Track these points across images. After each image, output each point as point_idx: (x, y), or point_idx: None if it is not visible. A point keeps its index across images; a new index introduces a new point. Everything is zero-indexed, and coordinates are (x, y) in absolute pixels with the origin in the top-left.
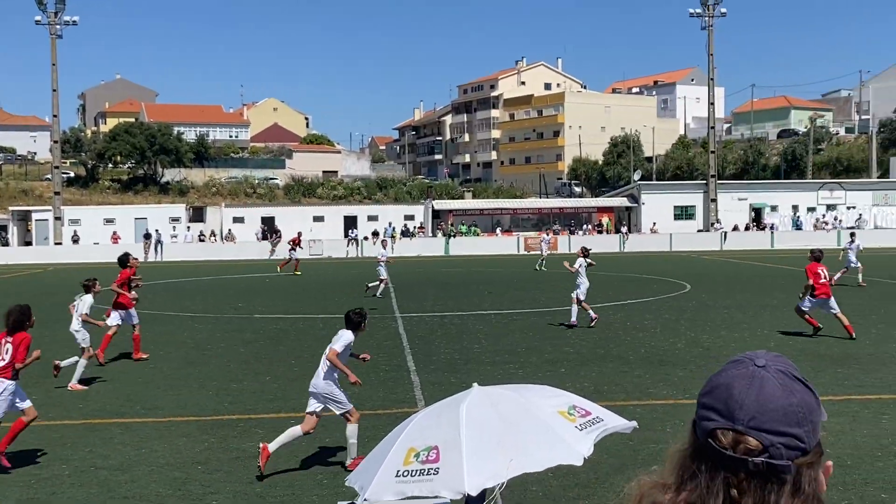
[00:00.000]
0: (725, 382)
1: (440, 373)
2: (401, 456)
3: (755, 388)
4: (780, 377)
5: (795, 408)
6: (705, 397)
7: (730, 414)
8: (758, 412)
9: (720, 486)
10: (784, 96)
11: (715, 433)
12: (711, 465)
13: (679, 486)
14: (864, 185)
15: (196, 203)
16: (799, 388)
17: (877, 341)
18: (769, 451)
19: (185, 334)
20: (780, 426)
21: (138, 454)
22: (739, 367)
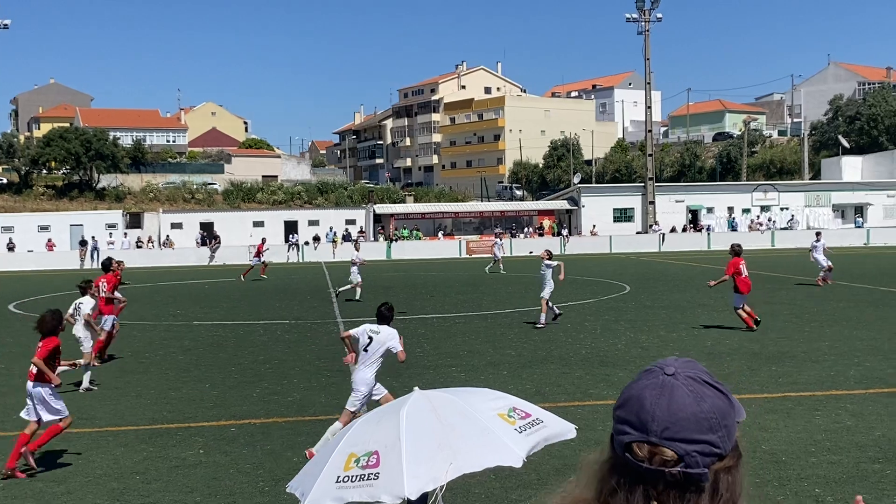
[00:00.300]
0: (637, 394)
1: (382, 378)
2: (341, 461)
3: (665, 398)
4: (690, 384)
5: (707, 414)
6: (619, 410)
7: (643, 426)
8: (670, 422)
9: (640, 499)
10: (719, 100)
11: (631, 446)
12: (630, 478)
13: (600, 501)
14: (797, 187)
15: (133, 209)
16: (710, 392)
17: (810, 339)
18: (685, 461)
19: (121, 343)
20: (694, 434)
21: (74, 465)
22: (650, 377)
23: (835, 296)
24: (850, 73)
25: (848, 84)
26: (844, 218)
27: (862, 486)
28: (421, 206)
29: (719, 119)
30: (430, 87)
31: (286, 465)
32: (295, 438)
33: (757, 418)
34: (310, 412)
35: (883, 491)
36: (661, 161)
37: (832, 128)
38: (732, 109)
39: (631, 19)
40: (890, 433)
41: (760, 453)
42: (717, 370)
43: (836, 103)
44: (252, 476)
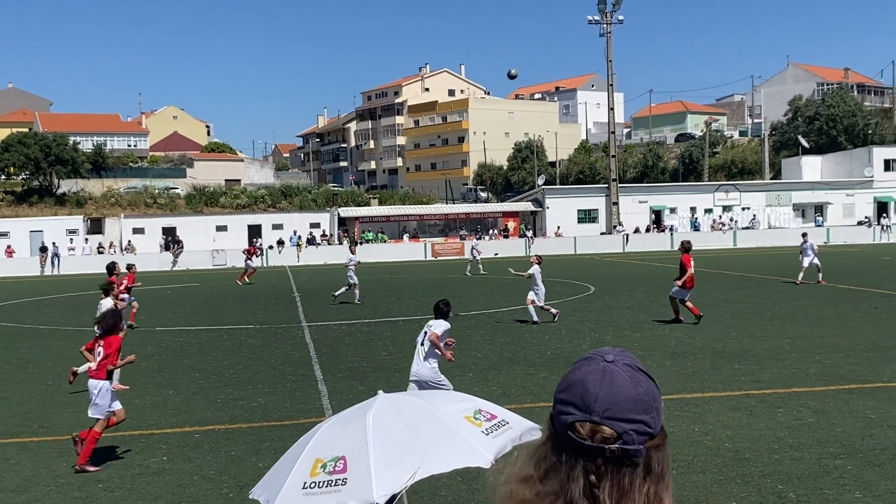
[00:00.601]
0: (580, 379)
1: (348, 381)
2: (307, 467)
3: (607, 382)
4: (628, 370)
5: (642, 397)
6: (562, 394)
7: (586, 407)
8: (611, 403)
9: (580, 473)
10: (681, 101)
11: (574, 425)
12: (571, 455)
13: (542, 478)
14: (758, 187)
15: (94, 214)
16: (643, 378)
17: (771, 337)
18: (623, 438)
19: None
20: (631, 414)
21: (36, 474)
22: (591, 364)
23: (795, 294)
24: (808, 73)
25: (807, 85)
26: (805, 217)
27: (824, 482)
28: (386, 209)
29: (681, 120)
30: (393, 89)
31: (251, 471)
32: (259, 444)
33: (720, 416)
34: (274, 417)
35: (844, 486)
36: (625, 162)
37: (792, 128)
38: (694, 110)
39: (593, 21)
40: (850, 429)
41: (724, 451)
42: (680, 369)
43: (796, 104)
44: (216, 482)
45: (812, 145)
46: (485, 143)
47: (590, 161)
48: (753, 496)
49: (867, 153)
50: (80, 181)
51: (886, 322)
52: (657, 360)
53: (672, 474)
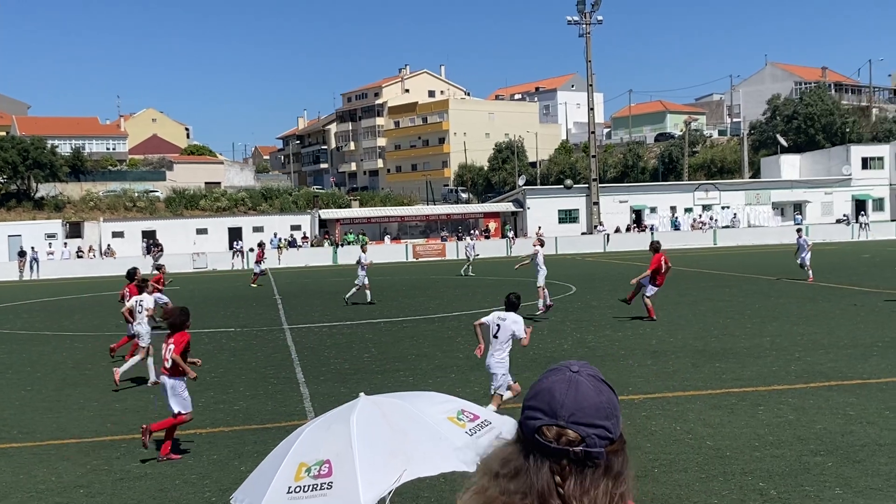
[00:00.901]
0: (547, 387)
1: (330, 383)
2: (291, 471)
3: (572, 390)
4: (591, 380)
5: (604, 404)
6: (531, 401)
7: (553, 412)
8: (576, 409)
9: (546, 474)
10: (660, 101)
11: (541, 429)
12: (538, 457)
13: (511, 477)
14: (737, 186)
15: (73, 218)
16: (605, 388)
17: (751, 335)
18: (586, 441)
19: (63, 354)
20: (594, 420)
21: (16, 480)
22: (557, 373)
23: (775, 292)
24: (786, 73)
25: (785, 84)
26: (784, 215)
27: (804, 479)
28: (366, 211)
29: (661, 120)
30: (373, 91)
31: (233, 475)
32: (241, 447)
33: (701, 415)
34: (256, 421)
35: (825, 483)
36: (605, 162)
37: (770, 127)
38: (673, 110)
39: (572, 22)
40: (831, 426)
41: (706, 449)
42: (661, 368)
43: (774, 103)
44: (198, 486)
45: (790, 144)
46: (465, 143)
47: (570, 161)
48: (735, 494)
49: (845, 151)
50: (58, 185)
51: (866, 319)
52: (638, 360)
53: (633, 476)
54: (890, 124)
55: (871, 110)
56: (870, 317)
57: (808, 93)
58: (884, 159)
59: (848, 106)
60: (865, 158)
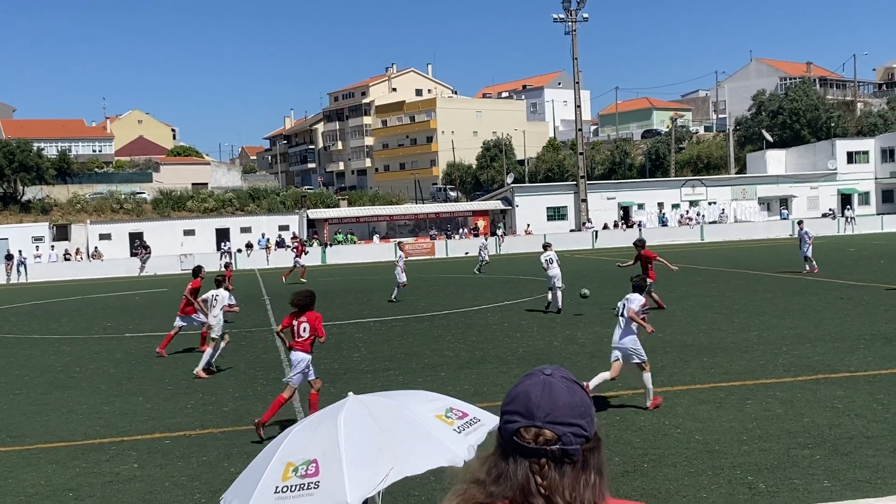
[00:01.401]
0: (523, 391)
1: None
2: (279, 471)
3: (547, 392)
4: (564, 382)
5: (578, 403)
6: (508, 405)
7: (530, 414)
8: (551, 409)
9: (526, 473)
10: (646, 98)
11: (519, 431)
12: (517, 458)
13: (493, 482)
14: (724, 181)
15: (60, 221)
16: (578, 389)
17: (739, 330)
18: (562, 440)
19: (51, 357)
20: (569, 419)
21: (4, 484)
22: (532, 378)
23: (762, 286)
24: (771, 68)
25: (770, 79)
26: (770, 210)
27: (793, 472)
28: (355, 210)
29: (647, 116)
30: (360, 90)
31: (223, 476)
32: (231, 449)
33: (690, 409)
34: (246, 422)
35: (813, 476)
36: (592, 159)
37: (756, 122)
38: (660, 107)
39: (558, 19)
40: (818, 419)
41: (694, 443)
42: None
43: (759, 98)
44: (188, 489)
45: (776, 139)
46: (453, 142)
47: (558, 159)
48: (724, 487)
49: (830, 146)
50: (45, 188)
51: (852, 312)
52: None
53: (610, 472)
54: (875, 118)
55: (855, 105)
56: (856, 310)
57: (793, 88)
58: (869, 153)
59: (833, 101)
60: (851, 153)
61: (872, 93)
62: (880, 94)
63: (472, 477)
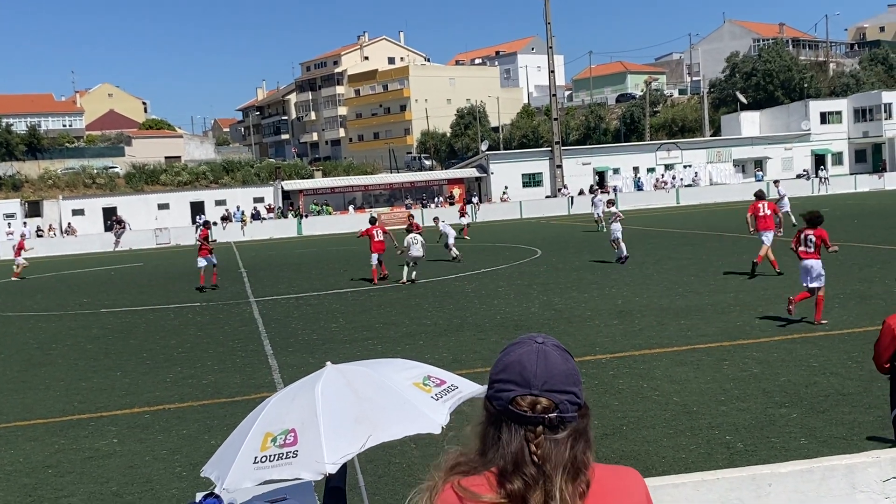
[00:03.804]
0: (517, 360)
1: (298, 354)
2: (257, 442)
3: (542, 360)
4: (557, 350)
5: (572, 371)
6: (501, 374)
7: (526, 382)
8: (548, 378)
9: (521, 442)
10: (620, 62)
11: (515, 400)
12: (512, 427)
13: (484, 451)
14: (699, 144)
15: (31, 197)
16: (569, 357)
17: (715, 292)
18: (559, 408)
19: (27, 335)
20: (565, 386)
21: None
22: (524, 346)
23: (737, 249)
24: (745, 30)
25: (743, 41)
26: (745, 172)
27: (770, 431)
28: (330, 181)
29: (621, 81)
30: (332, 59)
31: (203, 449)
32: (211, 421)
33: (668, 371)
34: (225, 394)
35: (790, 434)
36: (567, 125)
37: (730, 84)
38: (634, 71)
39: None
40: (795, 378)
41: (672, 405)
42: (627, 327)
43: (733, 60)
44: (169, 462)
45: (750, 101)
46: (427, 110)
47: (532, 125)
48: (702, 448)
49: (804, 107)
50: (15, 164)
51: (827, 272)
52: (604, 320)
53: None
54: (847, 79)
55: (828, 65)
56: (830, 270)
57: (766, 49)
58: (842, 114)
59: (806, 61)
60: (824, 113)
61: (844, 53)
62: (852, 54)
63: (460, 447)
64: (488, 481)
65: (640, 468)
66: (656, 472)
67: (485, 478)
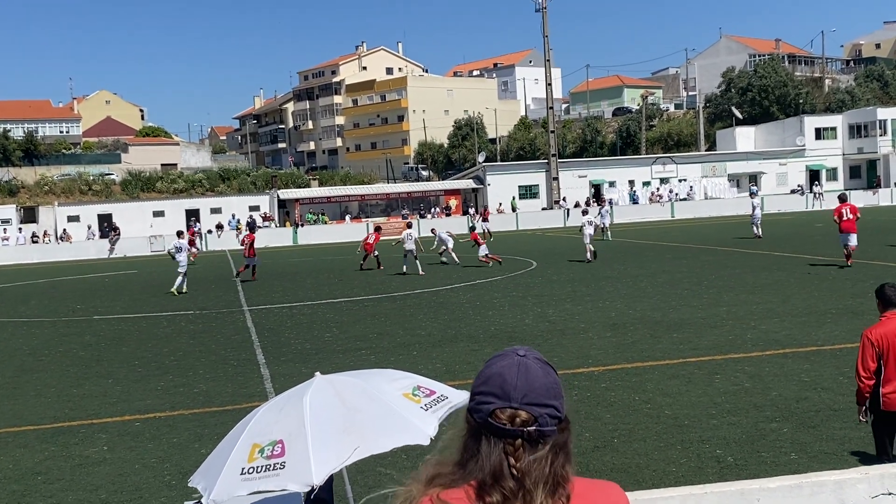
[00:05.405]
0: (497, 372)
1: (291, 364)
2: (245, 453)
3: (523, 373)
4: (538, 363)
5: (552, 384)
6: (481, 387)
7: (506, 395)
8: (528, 391)
9: (500, 455)
10: (617, 76)
11: (495, 412)
12: (491, 440)
13: (463, 463)
14: (694, 158)
15: (27, 203)
16: (551, 370)
17: (708, 305)
18: (538, 421)
19: (19, 341)
20: (545, 400)
21: None
22: (506, 359)
23: (731, 262)
24: (741, 45)
25: (739, 56)
26: (740, 187)
27: (761, 445)
28: (326, 190)
29: (618, 94)
30: (330, 68)
31: (193, 458)
32: (202, 430)
33: (660, 384)
34: (216, 403)
35: (780, 449)
36: (564, 137)
37: (725, 99)
38: (630, 84)
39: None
40: (786, 393)
41: (664, 418)
42: (620, 340)
43: (729, 75)
44: (158, 470)
45: (745, 116)
46: (424, 121)
47: (529, 137)
48: (693, 461)
49: (799, 122)
50: (11, 169)
51: (819, 287)
52: (598, 332)
53: (576, 450)
54: (842, 95)
55: (823, 81)
56: (823, 285)
57: (762, 65)
58: (836, 129)
59: (801, 77)
60: (819, 129)
61: (840, 69)
62: (848, 70)
63: (440, 458)
64: (467, 494)
65: (630, 481)
66: (646, 486)
67: (464, 491)
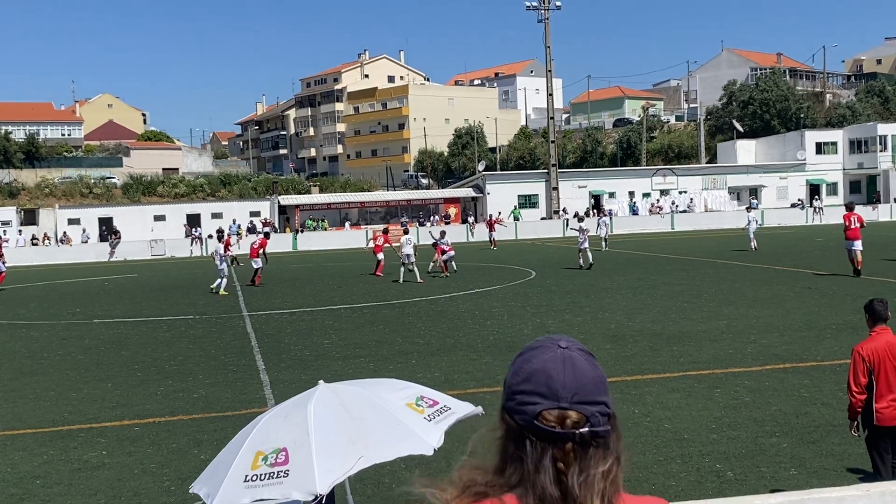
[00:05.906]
0: (540, 368)
1: (290, 370)
2: (248, 460)
3: (569, 368)
4: (583, 354)
5: (601, 378)
6: (523, 385)
7: (553, 394)
8: (578, 388)
9: (549, 460)
10: (618, 87)
11: (542, 414)
12: (537, 444)
13: (502, 469)
14: (694, 171)
15: (28, 205)
16: (595, 362)
17: (708, 319)
18: (591, 421)
19: (18, 343)
20: (596, 396)
21: None
22: (547, 352)
23: (731, 276)
24: (742, 59)
25: (741, 70)
26: (740, 200)
27: (760, 460)
28: (326, 197)
29: (619, 105)
30: (332, 76)
31: (192, 463)
32: (201, 436)
33: (659, 397)
34: (216, 408)
35: (780, 464)
36: (564, 147)
37: (726, 112)
38: (631, 96)
39: (531, 7)
40: (785, 407)
41: (663, 431)
42: (620, 352)
43: (730, 88)
44: (157, 476)
45: (746, 129)
46: (425, 129)
47: (529, 147)
48: (692, 475)
49: (799, 136)
50: (12, 171)
51: (820, 301)
52: (597, 344)
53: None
54: (843, 110)
55: (824, 96)
56: (823, 300)
57: (763, 78)
58: (837, 144)
59: (802, 91)
60: (819, 143)
61: (841, 84)
62: (849, 85)
63: (476, 462)
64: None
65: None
66: None
67: (502, 502)
